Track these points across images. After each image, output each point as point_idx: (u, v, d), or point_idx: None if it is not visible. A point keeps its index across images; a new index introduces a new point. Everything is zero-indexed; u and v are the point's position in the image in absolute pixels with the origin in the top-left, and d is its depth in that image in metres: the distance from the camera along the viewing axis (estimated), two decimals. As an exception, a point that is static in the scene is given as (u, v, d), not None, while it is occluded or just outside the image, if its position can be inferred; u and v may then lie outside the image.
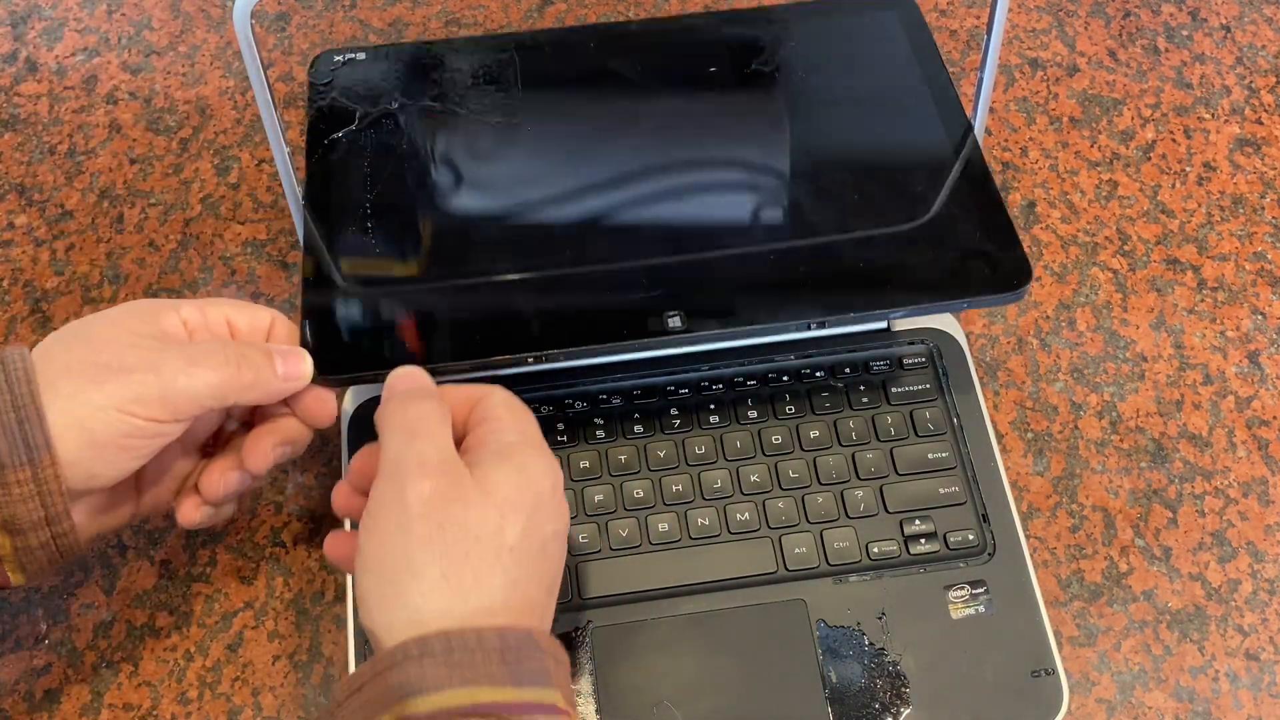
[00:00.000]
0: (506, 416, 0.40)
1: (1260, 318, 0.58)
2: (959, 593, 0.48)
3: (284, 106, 0.64)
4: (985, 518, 0.50)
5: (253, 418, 0.46)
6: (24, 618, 0.50)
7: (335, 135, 0.53)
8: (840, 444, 0.51)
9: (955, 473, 0.51)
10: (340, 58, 0.56)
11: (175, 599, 0.50)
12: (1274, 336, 0.57)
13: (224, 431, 0.47)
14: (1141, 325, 0.57)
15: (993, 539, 0.49)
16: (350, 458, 0.50)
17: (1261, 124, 0.64)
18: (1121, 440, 0.54)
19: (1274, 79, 0.65)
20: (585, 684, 0.46)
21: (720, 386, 0.53)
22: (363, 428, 0.51)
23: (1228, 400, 0.55)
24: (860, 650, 0.47)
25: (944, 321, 0.54)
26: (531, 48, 0.56)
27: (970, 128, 0.53)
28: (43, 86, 0.65)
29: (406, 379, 0.41)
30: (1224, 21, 0.67)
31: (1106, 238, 0.60)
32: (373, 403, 0.51)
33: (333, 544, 0.43)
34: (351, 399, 0.51)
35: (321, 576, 0.51)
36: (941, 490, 0.50)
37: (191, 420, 0.41)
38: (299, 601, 0.50)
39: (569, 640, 0.47)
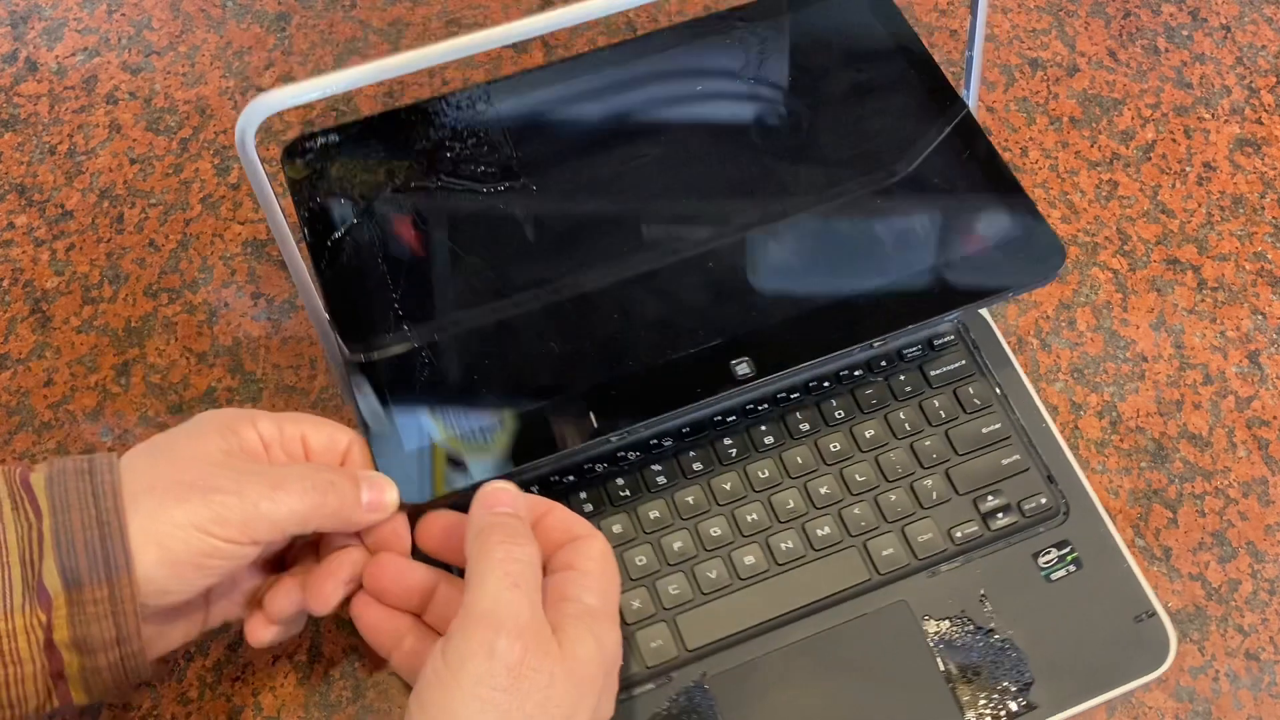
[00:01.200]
0: (595, 572, 0.39)
1: (1260, 318, 0.58)
2: (1047, 557, 0.49)
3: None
4: (1051, 478, 0.50)
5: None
6: (24, 618, 0.50)
7: (337, 235, 0.50)
8: (897, 437, 0.51)
9: (1012, 441, 0.51)
10: (312, 144, 0.52)
11: (175, 599, 0.50)
12: (1274, 336, 0.57)
13: (294, 544, 0.45)
14: (1141, 325, 0.57)
15: (1063, 497, 0.50)
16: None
17: (1261, 124, 0.64)
18: (1121, 440, 0.54)
19: (1274, 79, 0.65)
20: None
21: (766, 406, 0.52)
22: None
23: (1228, 400, 0.55)
24: (971, 636, 0.47)
25: None
26: (512, 93, 0.54)
27: (976, 127, 0.53)
28: (43, 86, 0.65)
29: (500, 497, 0.39)
30: (1224, 21, 0.67)
31: (1106, 238, 0.60)
32: None
33: (373, 618, 0.41)
34: None
35: (321, 576, 0.51)
36: (1004, 461, 0.51)
37: (269, 543, 0.40)
38: (299, 601, 0.50)
39: (689, 697, 0.46)
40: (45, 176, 0.62)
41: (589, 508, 0.49)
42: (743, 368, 0.47)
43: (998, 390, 0.52)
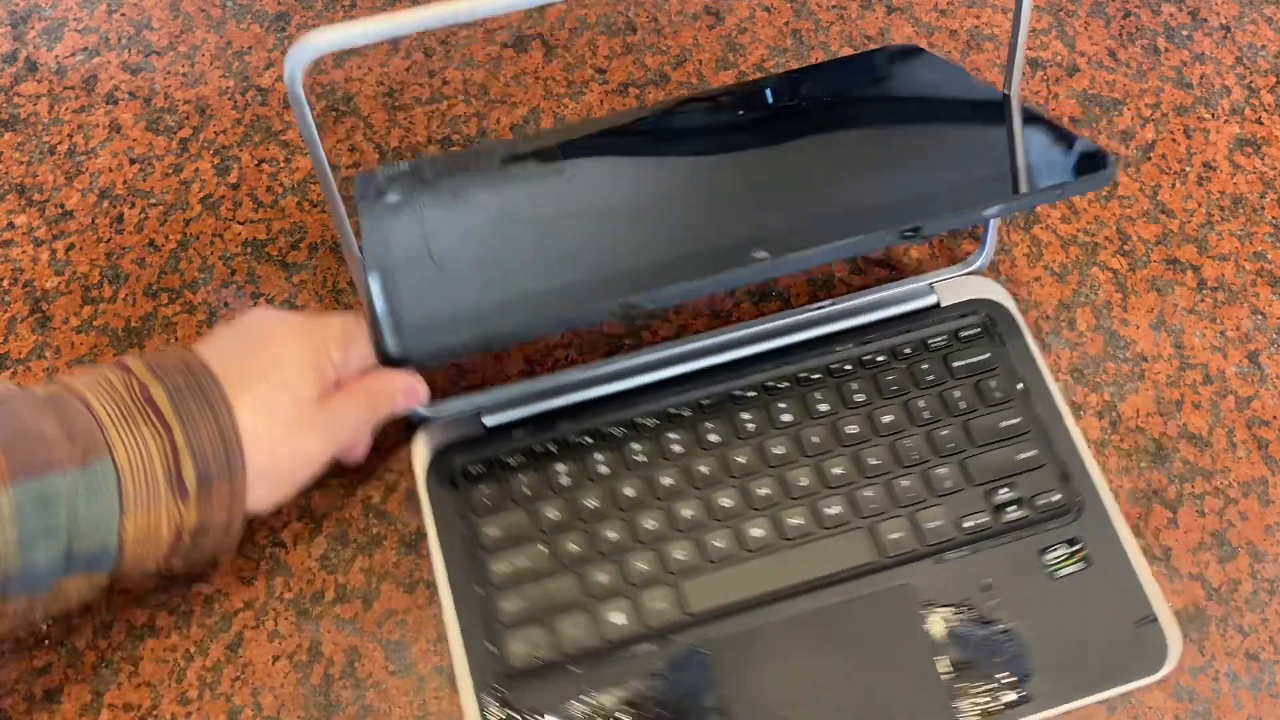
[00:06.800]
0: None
1: (1260, 318, 0.58)
2: (1055, 554, 0.49)
3: (283, 107, 0.64)
4: (1066, 476, 0.50)
5: None
6: (24, 618, 0.50)
7: (386, 210, 0.51)
8: (915, 425, 0.52)
9: (1030, 436, 0.51)
10: (381, 176, 0.53)
11: (175, 599, 0.50)
12: (1274, 336, 0.57)
13: None
14: (1141, 325, 0.57)
15: (1077, 496, 0.50)
16: (432, 508, 0.50)
17: (1261, 124, 0.64)
18: (1121, 440, 0.54)
19: (1274, 79, 0.65)
20: (709, 699, 0.46)
21: (787, 384, 0.53)
22: (440, 475, 0.51)
23: (1228, 400, 0.55)
24: (972, 625, 0.47)
25: (992, 290, 0.55)
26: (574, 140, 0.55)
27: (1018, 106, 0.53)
28: (43, 86, 0.65)
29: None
30: (1224, 21, 0.67)
31: (1106, 238, 0.60)
32: (441, 455, 0.51)
33: None
34: (426, 447, 0.52)
35: (321, 576, 0.51)
36: (1020, 456, 0.51)
37: None
38: (299, 601, 0.50)
39: (686, 660, 0.47)
40: (45, 176, 0.62)
41: (604, 470, 0.51)
42: (759, 254, 0.45)
43: (1020, 386, 0.53)
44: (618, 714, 0.46)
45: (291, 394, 0.45)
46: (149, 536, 0.42)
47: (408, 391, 0.50)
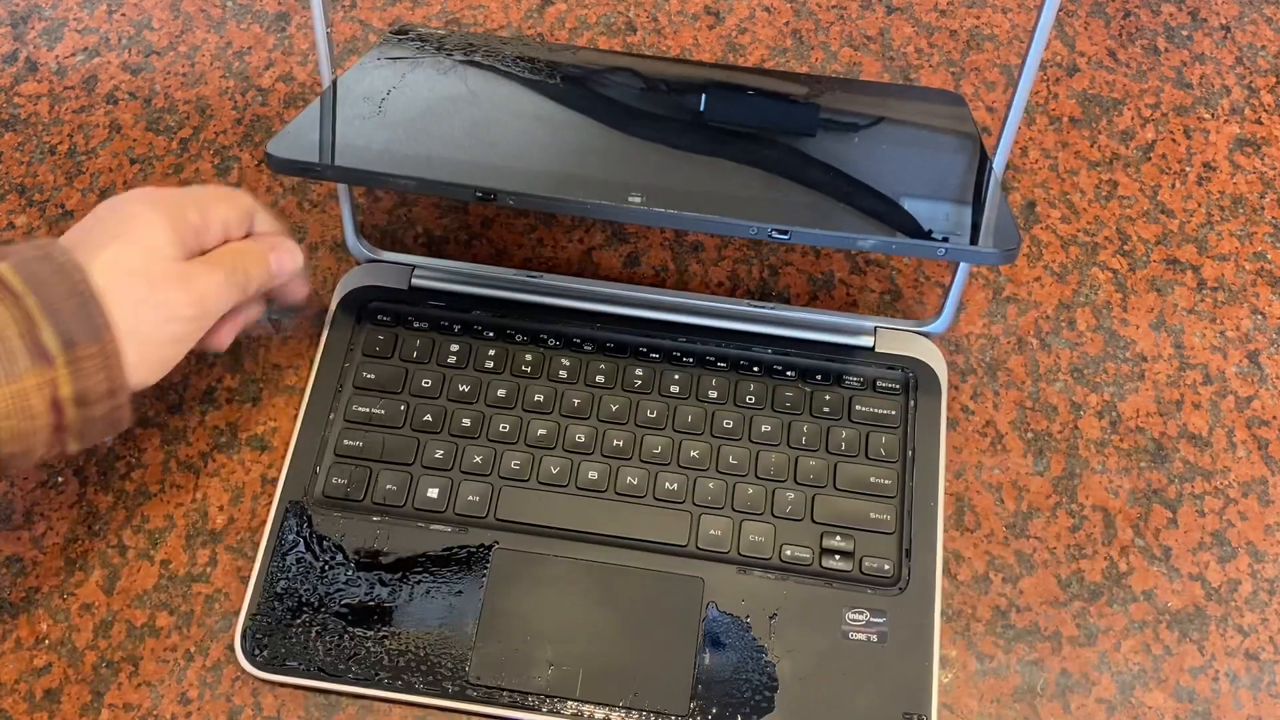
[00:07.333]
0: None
1: (1260, 318, 0.58)
2: (857, 616, 0.48)
3: (284, 107, 0.64)
4: (908, 553, 0.50)
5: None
6: (24, 618, 0.50)
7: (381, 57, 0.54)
8: (789, 445, 0.52)
9: (892, 502, 0.51)
10: (410, 31, 0.57)
11: (175, 599, 0.50)
12: (1274, 336, 0.57)
13: None
14: (1141, 325, 0.57)
15: (909, 575, 0.49)
16: (330, 330, 0.55)
17: (1261, 124, 0.64)
18: (1121, 440, 0.54)
19: (1274, 79, 0.65)
20: (471, 600, 0.48)
21: (690, 360, 0.54)
22: (350, 309, 0.55)
23: (1228, 400, 0.55)
24: (742, 642, 0.48)
25: (929, 353, 0.54)
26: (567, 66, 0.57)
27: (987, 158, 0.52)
28: (43, 86, 0.65)
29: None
30: (1224, 21, 0.67)
31: (1106, 238, 0.60)
32: (360, 292, 0.56)
33: None
34: (351, 279, 0.56)
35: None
36: (872, 515, 0.51)
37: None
38: (299, 601, 0.50)
39: (471, 555, 0.49)
40: (45, 176, 0.62)
41: (490, 364, 0.54)
42: (634, 197, 0.46)
43: (909, 453, 0.52)
44: (384, 573, 0.49)
45: (145, 248, 0.44)
46: (19, 409, 0.40)
47: (279, 252, 0.49)
